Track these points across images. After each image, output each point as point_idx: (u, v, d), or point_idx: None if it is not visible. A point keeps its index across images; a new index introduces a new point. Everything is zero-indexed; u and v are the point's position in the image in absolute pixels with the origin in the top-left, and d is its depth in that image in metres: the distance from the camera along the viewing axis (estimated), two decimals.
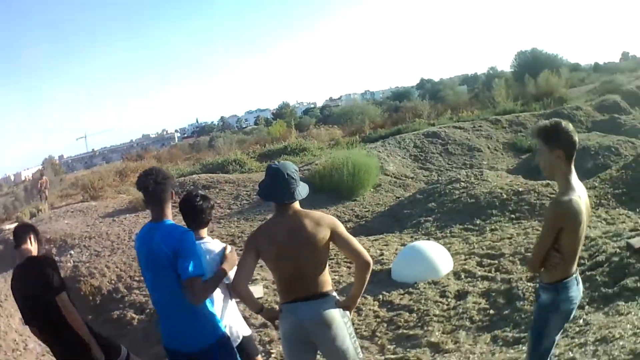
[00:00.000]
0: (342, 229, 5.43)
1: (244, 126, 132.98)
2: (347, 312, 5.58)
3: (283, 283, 5.55)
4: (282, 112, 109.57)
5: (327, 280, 5.57)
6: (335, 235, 5.34)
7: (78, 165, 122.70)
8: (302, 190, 5.44)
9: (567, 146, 5.13)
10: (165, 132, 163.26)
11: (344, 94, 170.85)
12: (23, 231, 6.81)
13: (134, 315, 12.40)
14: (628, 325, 7.02)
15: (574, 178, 5.18)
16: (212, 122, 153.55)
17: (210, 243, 6.18)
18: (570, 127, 5.16)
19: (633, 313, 7.59)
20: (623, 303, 8.09)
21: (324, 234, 5.30)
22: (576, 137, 5.13)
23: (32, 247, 6.71)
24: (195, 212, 6.14)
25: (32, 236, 6.77)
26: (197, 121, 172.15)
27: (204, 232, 6.22)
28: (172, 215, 5.68)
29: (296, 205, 5.45)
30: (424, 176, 24.29)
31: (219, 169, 29.07)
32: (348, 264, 13.11)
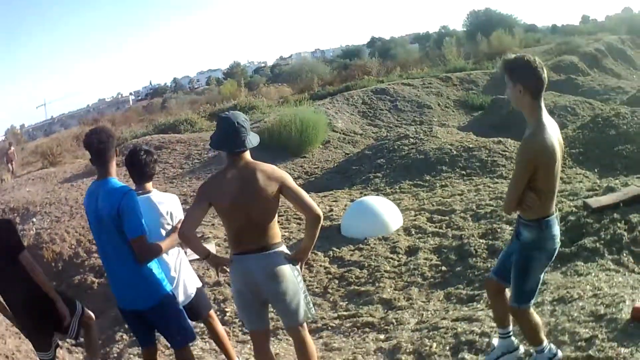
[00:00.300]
0: (292, 182, 5.42)
1: (196, 87, 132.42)
2: (298, 267, 5.57)
3: (233, 233, 5.54)
4: (233, 72, 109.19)
5: (277, 233, 5.58)
6: (285, 189, 5.33)
7: (38, 133, 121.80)
8: (253, 139, 5.38)
9: (531, 81, 4.99)
10: (120, 96, 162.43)
11: (294, 52, 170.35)
12: None
13: (94, 279, 12.23)
14: (587, 287, 6.97)
15: (545, 115, 5.05)
16: (165, 84, 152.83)
17: (159, 195, 6.33)
18: (536, 61, 5.00)
19: (593, 274, 7.57)
20: (582, 263, 8.08)
21: (274, 186, 5.29)
22: (543, 73, 4.97)
23: None
24: (139, 166, 6.19)
25: None
26: (150, 83, 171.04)
27: (149, 185, 6.31)
28: (116, 173, 5.72)
29: (247, 156, 5.41)
30: (372, 132, 24.16)
31: (171, 129, 28.95)
32: (298, 221, 13.03)
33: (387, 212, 11.76)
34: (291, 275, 5.53)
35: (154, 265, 5.76)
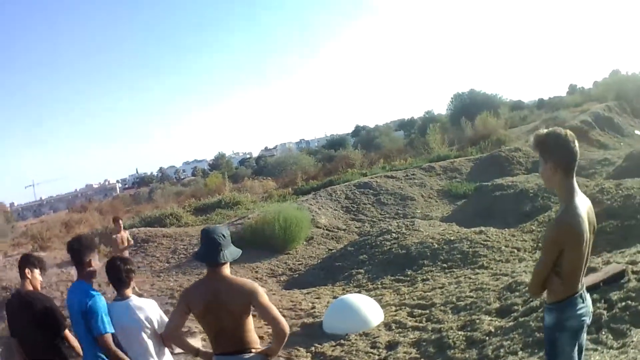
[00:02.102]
0: (261, 297, 5.61)
1: (182, 177, 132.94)
2: None
3: (210, 336, 5.93)
4: (218, 163, 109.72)
5: (252, 339, 5.83)
6: (255, 303, 5.59)
7: (27, 213, 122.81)
8: (230, 254, 5.74)
9: (562, 157, 4.91)
10: (107, 183, 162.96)
11: (279, 143, 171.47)
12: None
13: None
14: None
15: (578, 194, 4.97)
16: (152, 173, 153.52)
17: (137, 300, 6.75)
18: (567, 135, 4.94)
19: None
20: None
21: (244, 301, 5.60)
22: (575, 147, 4.89)
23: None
24: (115, 274, 6.64)
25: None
26: (137, 171, 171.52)
27: (128, 291, 6.74)
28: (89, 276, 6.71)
29: (223, 269, 5.72)
30: (356, 227, 24.42)
31: (157, 222, 29.21)
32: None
33: (368, 308, 12.09)
34: None
35: None
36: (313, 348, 11.23)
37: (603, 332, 8.43)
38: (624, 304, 9.01)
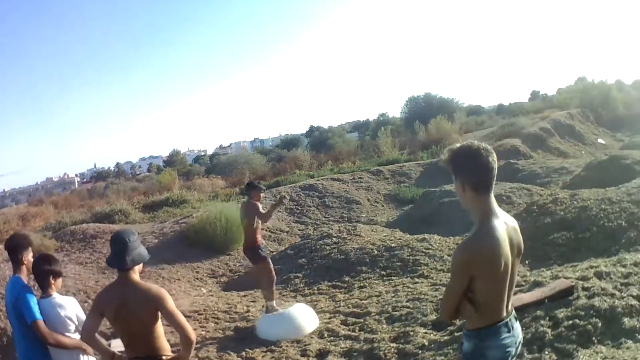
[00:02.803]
0: (167, 303, 5.57)
1: (137, 173, 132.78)
2: None
3: (124, 341, 5.85)
4: (173, 160, 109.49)
5: (162, 346, 5.78)
6: (161, 309, 5.54)
7: None
8: (133, 259, 5.67)
9: (470, 175, 4.46)
10: (66, 176, 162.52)
11: (234, 141, 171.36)
12: None
13: None
14: None
15: (494, 215, 4.46)
16: (109, 168, 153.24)
17: (60, 298, 6.87)
18: (479, 150, 4.44)
19: None
20: None
21: (151, 307, 5.54)
22: (487, 163, 4.39)
23: None
24: (37, 273, 6.84)
25: None
26: (95, 166, 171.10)
27: (51, 289, 6.84)
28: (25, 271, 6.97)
29: (131, 273, 5.68)
30: (299, 230, 24.10)
31: (107, 218, 28.58)
32: (216, 320, 13.10)
33: (301, 315, 11.82)
34: None
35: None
36: (244, 353, 10.93)
37: (546, 352, 8.15)
38: (570, 322, 8.74)
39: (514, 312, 4.67)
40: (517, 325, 4.66)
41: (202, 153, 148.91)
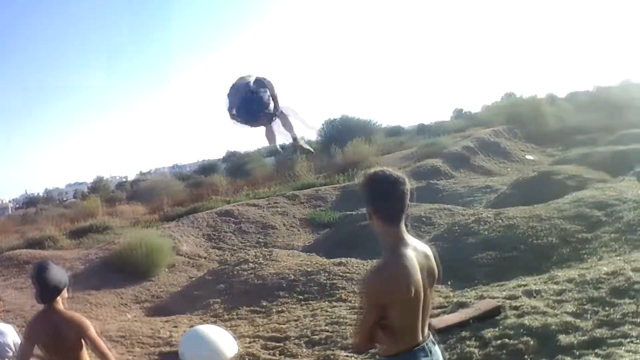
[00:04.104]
0: (89, 332, 5.65)
1: (65, 199, 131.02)
2: None
3: None
4: (97, 187, 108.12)
5: None
6: (84, 337, 5.58)
7: None
8: (50, 291, 5.73)
9: (382, 203, 4.32)
10: (1, 202, 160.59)
11: (154, 167, 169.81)
12: None
13: None
14: None
15: (402, 241, 4.32)
16: (39, 194, 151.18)
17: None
18: (391, 178, 4.32)
19: None
20: None
21: (76, 334, 5.63)
22: (397, 192, 4.29)
23: None
24: None
25: None
26: (25, 192, 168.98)
27: None
28: None
29: (55, 303, 5.75)
30: (216, 256, 23.79)
31: (38, 244, 27.97)
32: (141, 345, 12.94)
33: (221, 340, 11.64)
34: None
35: None
36: None
37: None
38: (499, 342, 8.67)
39: (431, 336, 4.54)
40: (435, 349, 4.52)
41: (124, 179, 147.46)
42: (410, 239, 4.43)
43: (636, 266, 11.02)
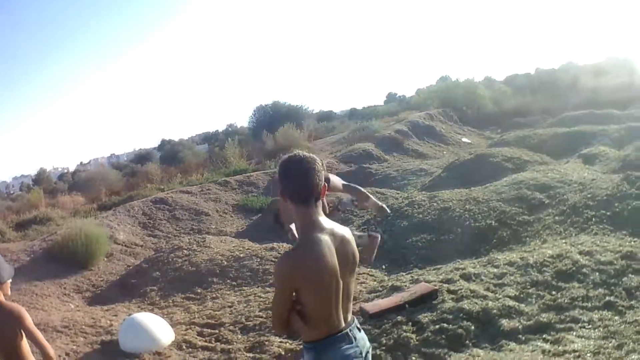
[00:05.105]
0: (25, 323, 5.51)
1: (12, 192, 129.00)
2: None
3: None
4: (40, 178, 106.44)
5: None
6: (22, 328, 5.49)
7: None
8: None
9: (287, 185, 4.28)
10: None
11: (92, 157, 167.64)
12: None
13: None
14: None
15: (316, 225, 4.22)
16: None
17: None
18: (300, 161, 4.26)
19: None
20: None
21: (13, 326, 5.49)
22: (304, 174, 4.21)
23: None
24: None
25: None
26: None
27: None
28: None
29: None
30: (152, 244, 23.41)
31: None
32: (84, 334, 12.63)
33: (158, 327, 11.44)
34: None
35: None
36: None
37: (413, 358, 7.88)
38: (437, 326, 8.44)
39: (355, 322, 4.40)
40: (360, 335, 4.42)
41: (65, 170, 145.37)
42: (326, 221, 4.32)
43: (583, 249, 10.86)
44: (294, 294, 4.23)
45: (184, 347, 11.00)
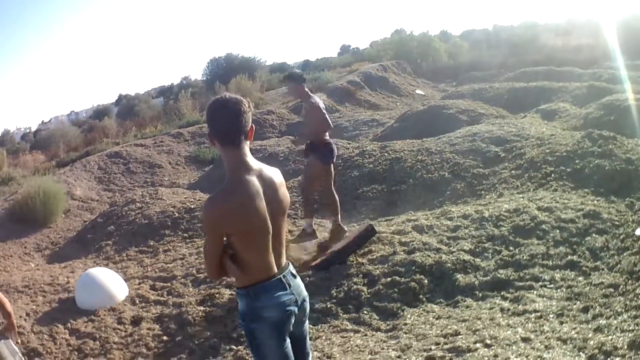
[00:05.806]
0: None
1: None
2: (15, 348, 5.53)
3: None
4: (3, 140, 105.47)
5: None
6: None
7: None
8: None
9: (214, 127, 4.21)
10: None
11: (53, 116, 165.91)
12: None
13: None
14: (315, 353, 6.56)
15: (244, 166, 4.14)
16: None
17: None
18: (226, 103, 4.17)
19: (324, 337, 7.33)
20: (311, 325, 7.37)
21: None
22: (231, 113, 4.11)
23: None
24: None
25: None
26: None
27: None
28: None
29: None
30: (108, 198, 22.93)
31: None
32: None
33: (112, 282, 11.21)
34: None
35: None
36: (69, 324, 10.17)
37: (365, 312, 7.68)
38: (389, 279, 8.22)
39: (290, 267, 4.26)
40: (296, 282, 4.30)
41: (28, 130, 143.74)
42: (255, 163, 4.22)
43: (542, 205, 10.50)
44: (224, 238, 4.09)
45: (137, 301, 10.78)
